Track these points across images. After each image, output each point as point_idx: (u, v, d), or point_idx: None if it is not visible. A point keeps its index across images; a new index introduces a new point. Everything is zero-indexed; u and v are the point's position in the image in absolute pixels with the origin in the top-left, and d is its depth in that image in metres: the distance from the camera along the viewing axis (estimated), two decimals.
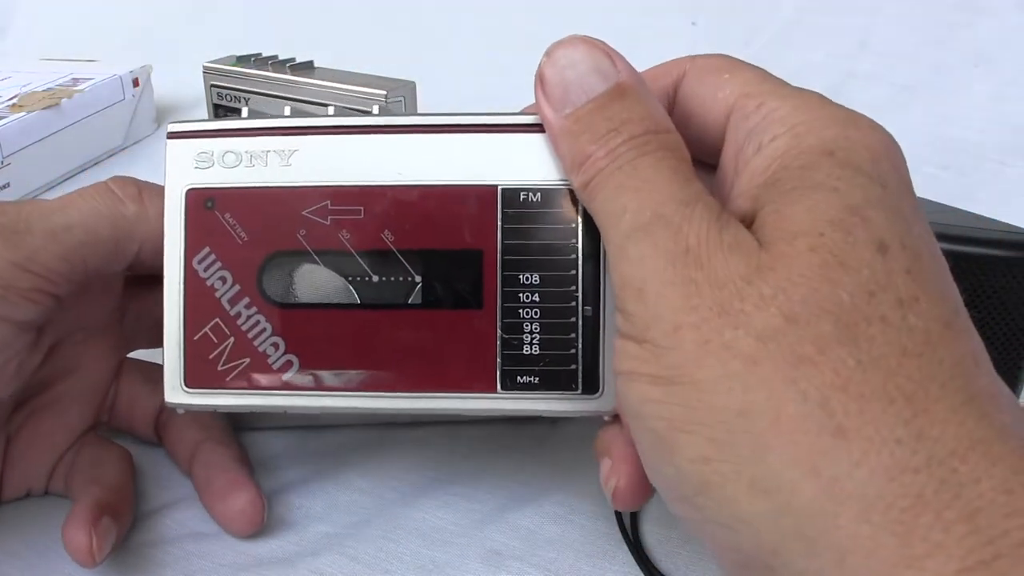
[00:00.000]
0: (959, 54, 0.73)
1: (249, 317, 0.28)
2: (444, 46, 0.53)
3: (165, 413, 0.35)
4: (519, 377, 0.27)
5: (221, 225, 0.28)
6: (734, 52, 0.26)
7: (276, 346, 0.28)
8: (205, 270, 0.28)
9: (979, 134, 0.65)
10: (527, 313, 0.27)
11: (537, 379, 0.27)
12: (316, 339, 0.28)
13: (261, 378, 0.28)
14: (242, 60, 0.54)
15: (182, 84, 0.70)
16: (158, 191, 0.31)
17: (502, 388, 0.27)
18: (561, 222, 0.27)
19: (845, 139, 0.21)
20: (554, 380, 0.27)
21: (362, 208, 0.27)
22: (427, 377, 0.27)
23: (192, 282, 0.28)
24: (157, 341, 0.37)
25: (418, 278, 0.27)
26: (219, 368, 0.28)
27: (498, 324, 0.27)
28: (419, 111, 0.51)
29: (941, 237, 0.32)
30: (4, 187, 0.58)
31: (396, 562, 0.31)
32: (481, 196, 0.27)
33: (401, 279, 0.27)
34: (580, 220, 0.27)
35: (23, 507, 0.34)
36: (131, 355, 0.37)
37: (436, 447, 0.37)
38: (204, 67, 0.55)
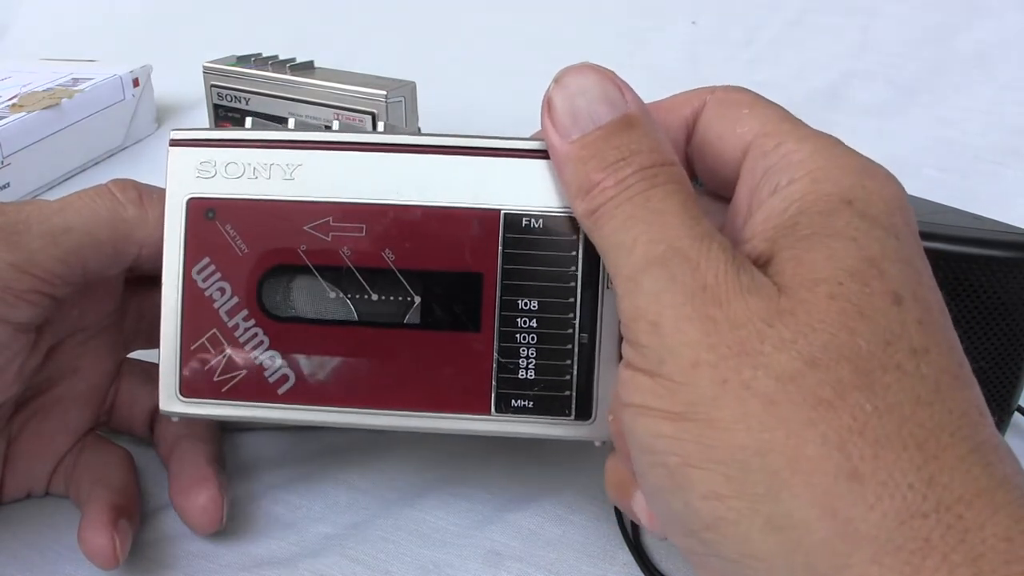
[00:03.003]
0: (959, 54, 0.73)
1: (247, 329, 0.28)
2: (444, 46, 0.53)
3: (157, 411, 0.35)
4: (513, 401, 0.28)
5: (222, 236, 0.28)
6: (734, 52, 0.26)
7: (273, 359, 0.28)
8: (204, 280, 0.28)
9: (979, 136, 0.65)
10: (524, 338, 0.27)
11: (531, 403, 0.28)
12: (313, 354, 0.28)
13: (256, 391, 0.28)
14: (242, 60, 0.54)
15: (182, 84, 0.70)
16: (158, 194, 0.31)
17: (496, 411, 0.28)
18: (562, 249, 0.27)
19: (862, 189, 0.22)
20: (548, 405, 0.28)
21: (364, 226, 0.27)
22: (422, 397, 0.28)
23: (190, 292, 0.28)
24: (157, 341, 0.37)
25: (417, 298, 0.28)
26: (215, 379, 0.28)
27: (495, 348, 0.27)
28: (419, 116, 0.51)
29: (941, 238, 0.32)
30: (4, 187, 0.58)
31: (396, 562, 0.31)
32: (484, 220, 0.27)
33: (400, 298, 0.28)
34: (581, 248, 0.27)
35: (23, 508, 0.34)
36: (131, 355, 0.37)
37: (436, 447, 0.37)
38: (204, 67, 0.55)
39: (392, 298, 0.28)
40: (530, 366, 0.27)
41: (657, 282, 0.21)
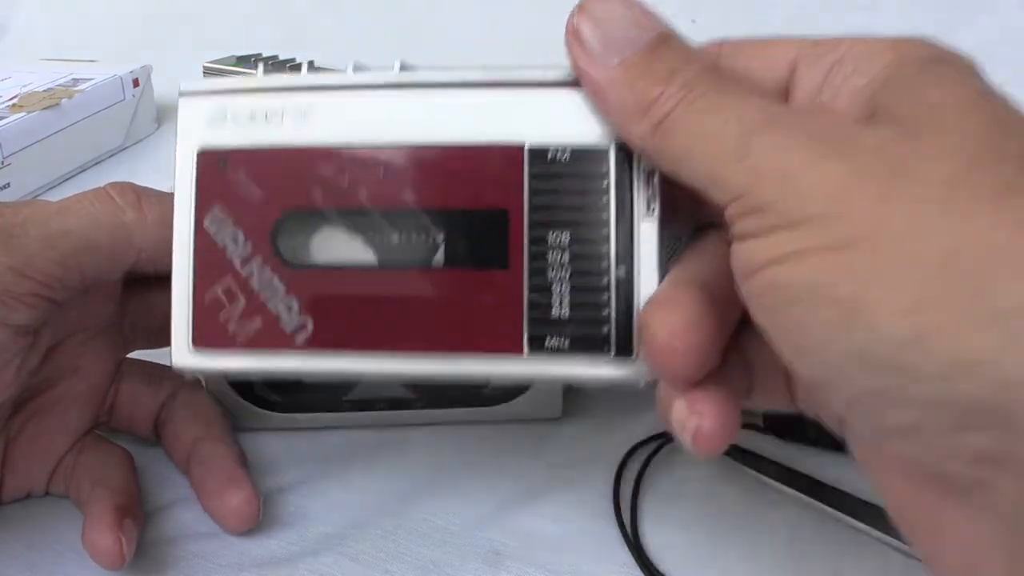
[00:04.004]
0: (960, 51, 0.73)
1: (262, 277, 0.27)
2: (444, 46, 0.52)
3: (164, 412, 0.35)
4: (548, 339, 0.26)
5: (234, 184, 0.27)
6: None
7: (290, 307, 0.27)
8: (216, 229, 0.27)
9: None
10: (556, 274, 0.26)
11: (567, 342, 0.26)
12: (332, 300, 0.27)
13: (273, 340, 0.27)
14: (242, 60, 0.54)
15: None
16: (157, 197, 0.31)
17: (530, 351, 0.26)
18: (592, 181, 0.25)
19: (948, 53, 0.22)
20: (586, 343, 0.25)
21: (382, 168, 0.26)
22: (450, 338, 0.26)
23: (202, 241, 0.27)
24: (157, 341, 0.37)
25: (440, 238, 0.26)
26: (229, 329, 0.27)
27: (525, 285, 0.26)
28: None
29: None
30: (4, 187, 0.58)
31: (396, 562, 0.31)
32: (507, 155, 0.26)
33: (422, 239, 0.26)
34: (612, 179, 0.25)
35: (23, 508, 0.34)
36: (131, 355, 0.37)
37: (436, 447, 0.37)
38: (204, 67, 0.55)
39: (414, 239, 0.26)
40: (564, 303, 0.26)
41: (772, 138, 0.20)
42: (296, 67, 0.53)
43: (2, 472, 0.33)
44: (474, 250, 0.26)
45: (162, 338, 0.37)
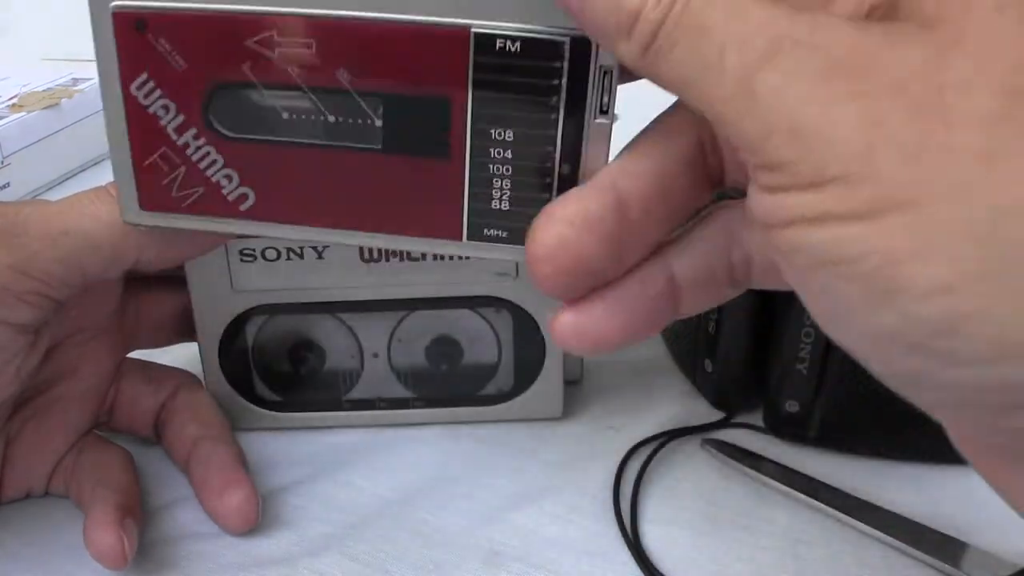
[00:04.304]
0: None
1: (198, 148, 0.25)
2: None
3: (164, 412, 0.35)
4: (486, 230, 0.25)
5: (156, 50, 0.25)
6: None
7: (229, 178, 0.26)
8: (145, 97, 0.25)
9: None
10: (498, 168, 0.24)
11: (506, 233, 0.25)
12: (272, 174, 0.26)
13: (217, 207, 0.26)
14: None
15: None
16: None
17: (468, 238, 0.25)
18: (542, 76, 0.23)
19: None
20: (523, 236, 0.23)
21: (312, 41, 0.24)
22: (391, 219, 0.26)
23: (133, 109, 0.25)
24: (157, 341, 0.37)
25: (378, 122, 0.25)
26: (173, 194, 0.26)
27: (466, 177, 0.25)
28: None
29: None
30: (4, 187, 0.58)
31: (396, 562, 0.31)
32: (451, 39, 0.23)
33: (359, 121, 0.25)
34: (565, 75, 0.23)
35: (23, 508, 0.34)
36: (131, 355, 0.37)
37: (436, 447, 0.37)
38: None
39: (350, 121, 0.25)
40: (504, 198, 0.25)
41: (775, 82, 0.17)
42: None
43: (2, 471, 0.33)
44: (413, 137, 0.24)
45: (162, 337, 0.37)
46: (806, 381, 0.35)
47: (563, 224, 0.21)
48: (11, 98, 0.62)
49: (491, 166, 0.25)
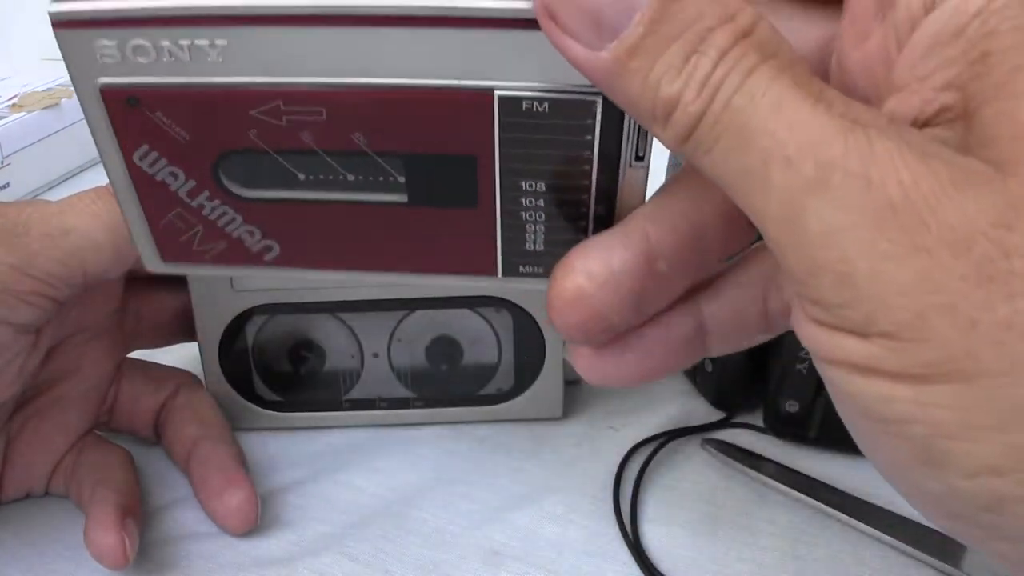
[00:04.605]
0: None
1: (214, 208, 0.24)
2: None
3: (164, 412, 0.35)
4: (521, 267, 0.24)
5: (154, 123, 0.23)
6: None
7: (251, 233, 0.25)
8: (150, 166, 0.24)
9: None
10: (530, 216, 0.24)
11: (541, 269, 0.24)
12: (295, 229, 0.24)
13: (241, 258, 0.25)
14: None
15: None
16: None
17: (504, 275, 0.25)
18: (573, 134, 0.22)
19: None
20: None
21: (323, 109, 0.23)
22: (423, 261, 0.25)
23: (139, 177, 0.24)
24: (157, 341, 0.37)
25: (401, 178, 0.23)
26: (194, 248, 0.25)
27: (497, 223, 0.24)
28: None
29: None
30: (4, 187, 0.58)
31: (396, 562, 0.31)
32: (474, 102, 0.22)
33: (381, 179, 0.23)
34: (598, 131, 0.22)
35: (23, 508, 0.34)
36: (131, 355, 0.37)
37: (436, 447, 0.37)
38: None
39: (371, 178, 0.23)
40: (538, 240, 0.24)
41: (824, 220, 0.15)
42: None
43: (2, 471, 0.33)
44: (440, 191, 0.23)
45: (162, 337, 0.37)
46: (806, 381, 0.35)
47: (583, 277, 0.20)
48: (11, 98, 0.62)
49: (523, 213, 0.24)
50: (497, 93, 0.21)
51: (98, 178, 0.31)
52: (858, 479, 0.34)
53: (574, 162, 0.23)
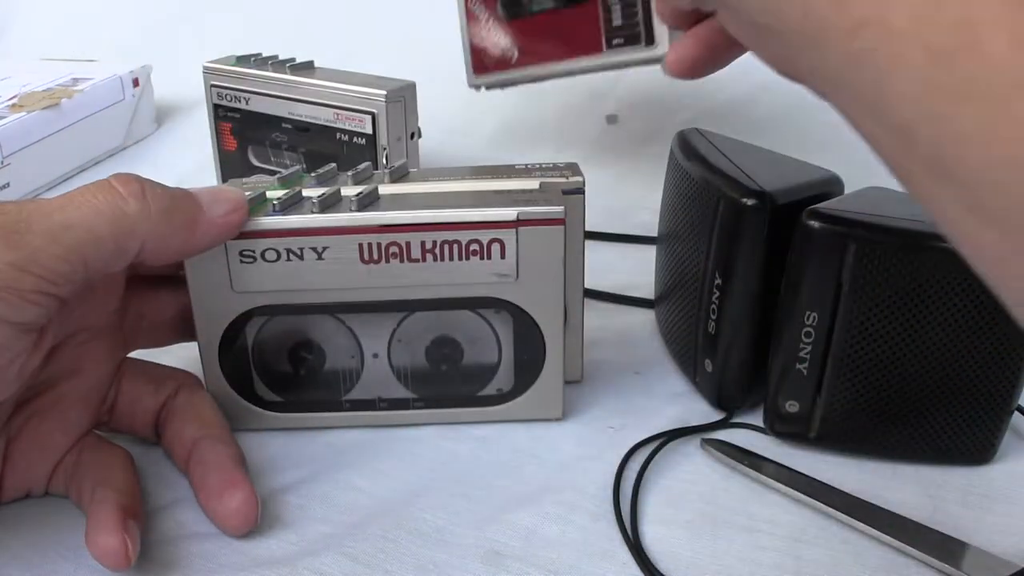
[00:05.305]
0: None
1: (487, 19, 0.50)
2: (444, 46, 0.52)
3: (165, 412, 0.35)
4: (613, 40, 0.47)
5: None
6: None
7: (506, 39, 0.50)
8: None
9: None
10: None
11: (623, 40, 0.46)
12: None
13: (500, 63, 0.51)
14: (242, 60, 0.54)
15: (182, 84, 0.70)
16: (161, 188, 0.31)
17: (606, 48, 0.47)
18: None
19: None
20: (631, 38, 0.46)
21: None
22: (575, 46, 0.48)
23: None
24: (158, 341, 0.37)
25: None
26: (482, 61, 0.51)
27: (600, 10, 0.47)
28: (419, 116, 0.52)
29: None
30: (4, 187, 0.58)
31: (396, 562, 0.31)
32: None
33: None
34: None
35: (23, 508, 0.34)
36: (131, 355, 0.37)
37: (436, 447, 0.37)
38: (204, 67, 0.55)
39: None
40: (618, 15, 0.46)
41: None
42: (298, 67, 0.53)
43: (2, 471, 0.33)
44: None
45: (163, 337, 0.37)
46: (806, 381, 0.35)
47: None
48: (11, 98, 0.62)
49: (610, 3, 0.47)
50: None
51: (97, 178, 0.31)
52: (858, 479, 0.34)
53: None
